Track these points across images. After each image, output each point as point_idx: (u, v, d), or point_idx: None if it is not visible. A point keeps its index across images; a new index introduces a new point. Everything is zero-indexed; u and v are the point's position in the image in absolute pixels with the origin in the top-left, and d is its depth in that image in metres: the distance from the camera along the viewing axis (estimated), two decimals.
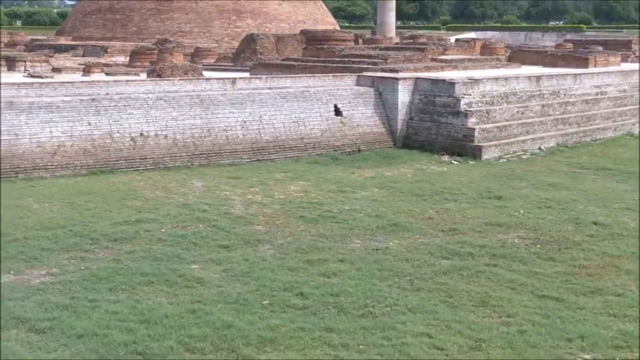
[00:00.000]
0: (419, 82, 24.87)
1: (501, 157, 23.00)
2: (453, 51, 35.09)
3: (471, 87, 24.54)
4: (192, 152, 20.75)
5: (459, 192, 17.89)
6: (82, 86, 21.38)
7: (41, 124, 19.10)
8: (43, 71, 32.86)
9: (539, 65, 34.69)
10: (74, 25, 65.18)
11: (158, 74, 27.14)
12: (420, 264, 12.34)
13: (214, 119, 21.49)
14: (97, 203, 15.89)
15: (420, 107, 24.48)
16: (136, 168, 19.72)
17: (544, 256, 12.93)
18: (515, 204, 16.74)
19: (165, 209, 15.56)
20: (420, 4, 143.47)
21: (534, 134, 25.02)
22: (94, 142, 19.63)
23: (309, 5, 66.11)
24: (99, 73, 31.87)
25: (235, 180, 18.78)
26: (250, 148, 21.68)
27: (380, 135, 24.28)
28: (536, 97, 26.68)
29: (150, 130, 20.47)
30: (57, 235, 13.43)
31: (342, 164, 21.56)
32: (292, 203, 16.38)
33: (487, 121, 24.04)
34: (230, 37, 57.90)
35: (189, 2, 60.21)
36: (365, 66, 27.92)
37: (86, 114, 19.78)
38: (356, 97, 24.37)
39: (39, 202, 15.85)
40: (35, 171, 18.52)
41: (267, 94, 22.82)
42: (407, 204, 16.59)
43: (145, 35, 57.67)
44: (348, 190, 17.87)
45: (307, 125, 22.99)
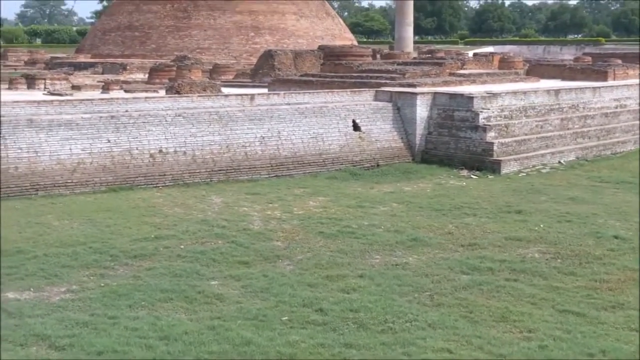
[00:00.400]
0: (437, 96, 24.84)
1: (520, 171, 22.90)
2: (471, 65, 35.04)
3: (490, 101, 24.49)
4: (210, 169, 20.79)
5: (479, 207, 17.82)
6: (102, 103, 21.49)
7: (61, 141, 19.19)
8: (63, 89, 33.09)
9: (557, 78, 34.59)
10: (93, 42, 65.63)
11: (177, 90, 27.25)
12: (440, 279, 12.28)
13: (232, 135, 21.53)
14: (117, 220, 15.93)
15: (438, 122, 24.44)
16: (155, 185, 19.77)
17: (565, 271, 12.84)
18: (535, 218, 16.65)
19: (184, 225, 15.58)
20: (438, 18, 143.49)
21: (553, 148, 24.92)
22: (113, 159, 19.70)
23: (326, 21, 66.30)
24: (118, 90, 32.07)
25: (254, 196, 18.78)
26: (268, 164, 21.70)
27: (398, 150, 24.25)
28: (555, 110, 26.58)
29: (169, 146, 20.53)
30: (76, 252, 13.47)
31: (361, 179, 21.54)
32: (311, 219, 16.36)
33: (506, 135, 23.97)
34: (248, 53, 58.15)
35: (207, 19, 60.53)
36: (384, 81, 27.92)
37: (105, 131, 19.86)
38: (374, 112, 24.36)
39: (58, 219, 15.91)
40: (55, 188, 18.60)
41: (286, 110, 22.85)
42: (426, 219, 16.53)
43: (164, 52, 58.02)
44: (367, 206, 17.84)
45: (326, 140, 23.00)
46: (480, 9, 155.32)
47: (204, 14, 60.93)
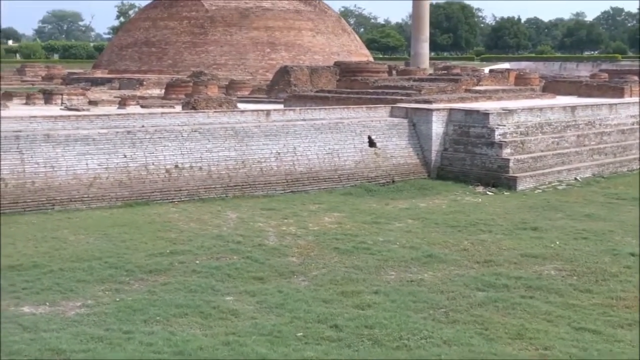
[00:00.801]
0: (453, 113, 24.84)
1: (536, 187, 22.84)
2: (487, 82, 35.02)
3: (505, 118, 24.46)
4: (226, 184, 20.82)
5: (494, 223, 17.77)
6: (118, 119, 21.59)
7: (77, 156, 19.28)
8: (80, 104, 33.27)
9: (574, 95, 34.52)
10: (110, 58, 66.03)
11: (193, 106, 27.35)
12: (456, 296, 12.24)
13: (248, 151, 21.58)
14: (132, 235, 15.97)
15: (454, 138, 24.43)
16: (171, 200, 19.82)
17: (581, 288, 12.77)
18: (551, 235, 16.58)
19: (199, 240, 15.59)
20: (454, 35, 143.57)
21: (569, 165, 24.85)
22: (130, 174, 19.76)
23: (342, 37, 66.48)
24: (135, 105, 32.21)
25: (269, 211, 18.79)
26: (284, 179, 21.72)
27: (414, 166, 24.24)
28: (571, 127, 26.52)
29: (185, 162, 20.59)
30: (92, 267, 13.50)
31: (376, 195, 21.52)
32: (326, 234, 16.35)
33: (522, 152, 23.92)
34: (264, 69, 58.36)
35: (224, 35, 60.80)
36: (399, 97, 27.93)
37: (122, 146, 19.94)
38: (390, 128, 24.37)
39: (74, 234, 15.96)
40: (71, 203, 18.67)
41: (301, 126, 22.88)
42: (441, 235, 16.50)
43: (181, 68, 58.31)
44: (382, 222, 17.81)
45: (341, 156, 23.01)
46: (496, 25, 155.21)
47: (220, 30, 61.25)
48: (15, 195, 18.12)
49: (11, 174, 18.33)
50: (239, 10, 62.42)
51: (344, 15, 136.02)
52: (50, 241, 15.31)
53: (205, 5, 62.97)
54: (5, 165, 18.32)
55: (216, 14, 62.21)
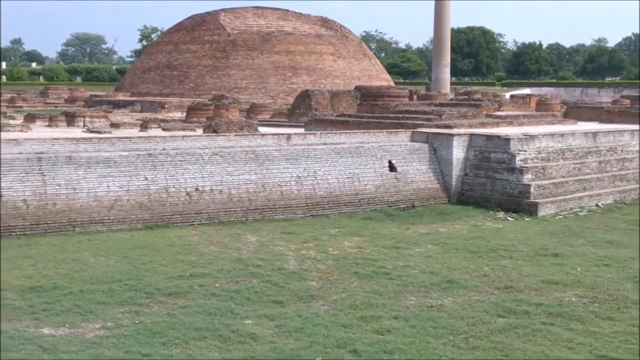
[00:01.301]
0: (474, 138, 24.80)
1: (557, 213, 22.73)
2: (508, 107, 34.94)
3: (527, 143, 24.40)
4: (246, 207, 20.85)
5: (515, 249, 17.68)
6: (139, 141, 21.69)
7: (99, 178, 19.37)
8: (101, 126, 33.44)
9: (595, 121, 34.40)
10: (132, 81, 66.43)
11: (214, 129, 27.46)
12: (476, 322, 12.17)
13: (268, 174, 21.61)
14: (152, 257, 16.00)
15: (475, 163, 24.38)
16: (191, 222, 19.85)
17: (602, 315, 12.68)
18: (572, 261, 16.48)
19: (219, 263, 15.60)
20: (475, 60, 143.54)
21: (591, 191, 24.73)
22: (150, 196, 19.83)
23: (363, 61, 66.61)
24: (156, 128, 32.34)
25: (289, 235, 18.78)
26: (304, 203, 21.72)
27: (434, 191, 24.19)
28: (593, 153, 26.42)
29: (206, 185, 20.64)
30: (112, 289, 13.53)
31: (397, 219, 21.48)
32: (346, 259, 16.32)
33: (543, 177, 23.84)
34: (285, 93, 58.52)
35: (245, 59, 61.06)
36: (420, 122, 27.93)
37: (143, 168, 20.02)
38: (411, 153, 24.35)
39: (95, 256, 16.01)
40: (92, 225, 18.74)
41: (322, 150, 22.90)
42: (462, 261, 16.43)
43: (202, 91, 58.57)
44: (402, 247, 17.77)
45: (362, 180, 23.00)
46: (518, 50, 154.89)
47: (242, 53, 61.53)
48: (37, 216, 18.22)
49: (33, 195, 18.43)
50: (261, 35, 62.71)
51: (365, 39, 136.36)
52: (70, 263, 15.36)
53: (227, 29, 63.31)
54: (27, 187, 18.44)
55: (238, 38, 62.52)
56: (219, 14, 65.71)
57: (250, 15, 65.74)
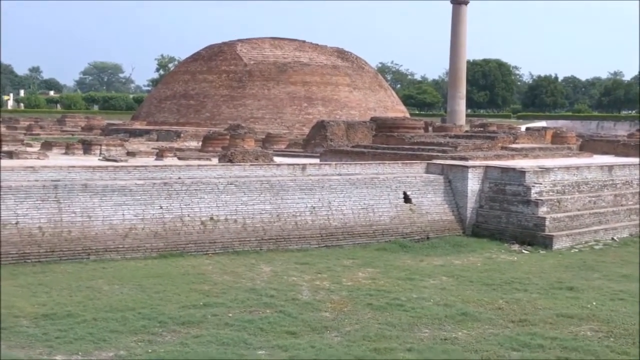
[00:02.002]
0: (489, 170, 24.78)
1: (573, 247, 22.63)
2: (524, 140, 34.91)
3: (542, 176, 24.35)
4: (261, 237, 20.85)
5: (530, 282, 17.60)
6: (155, 170, 21.77)
7: (114, 206, 19.43)
8: (118, 155, 33.60)
9: (611, 154, 34.33)
10: (149, 110, 66.78)
11: (229, 159, 27.54)
12: (490, 355, 12.10)
13: (283, 205, 21.63)
14: (166, 286, 16.00)
15: (490, 196, 24.34)
16: (205, 252, 19.86)
17: (618, 350, 12.58)
18: (587, 295, 16.39)
19: (233, 293, 15.59)
20: (490, 92, 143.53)
21: (606, 224, 24.63)
22: (165, 225, 19.87)
23: (379, 93, 66.77)
24: (172, 157, 32.48)
25: (303, 265, 18.76)
26: (319, 234, 21.71)
27: (449, 223, 24.14)
28: (608, 186, 26.34)
29: (221, 214, 20.67)
30: (125, 318, 13.52)
31: (411, 251, 21.43)
32: (360, 290, 16.28)
33: (559, 210, 23.77)
34: (301, 123, 58.66)
35: (261, 89, 61.31)
36: (435, 154, 27.93)
37: (158, 197, 20.08)
38: (426, 184, 24.34)
39: (109, 284, 16.02)
40: (106, 253, 18.77)
41: (337, 180, 22.92)
42: (476, 293, 16.36)
43: (218, 121, 58.79)
44: (416, 278, 17.71)
45: (376, 212, 22.99)
46: (533, 83, 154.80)
47: (258, 84, 61.80)
48: (52, 244, 18.28)
49: (48, 222, 18.51)
50: (277, 65, 63.02)
51: (381, 71, 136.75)
52: (84, 290, 15.38)
53: (244, 59, 63.65)
54: (43, 214, 18.52)
55: (254, 68, 62.84)
56: (236, 44, 66.11)
57: (267, 45, 66.11)
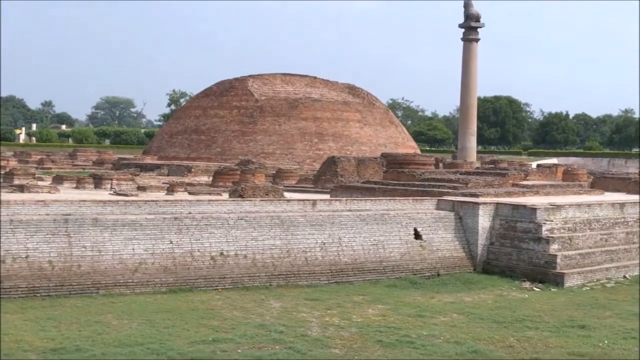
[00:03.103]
0: (500, 207, 24.72)
1: (584, 284, 22.50)
2: (534, 176, 34.88)
3: (553, 213, 24.28)
4: (270, 273, 20.80)
5: (541, 320, 17.49)
6: (166, 205, 21.78)
7: (124, 241, 19.43)
8: (128, 189, 33.66)
9: (622, 192, 34.21)
10: (160, 144, 66.99)
11: (240, 194, 27.55)
12: None
13: (293, 240, 21.60)
14: (175, 321, 15.95)
15: (501, 232, 24.26)
16: (215, 287, 19.81)
17: None
18: (599, 333, 16.26)
19: (242, 329, 15.53)
20: (501, 129, 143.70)
21: (618, 262, 24.49)
22: (175, 260, 19.85)
23: (390, 129, 66.90)
24: (183, 192, 32.50)
25: (313, 301, 18.69)
26: (329, 270, 21.66)
27: (460, 259, 24.06)
28: (620, 224, 26.23)
29: (230, 249, 20.64)
30: (134, 352, 13.47)
31: (421, 288, 21.34)
32: (370, 327, 16.20)
33: (570, 248, 23.66)
34: (311, 159, 58.73)
35: (272, 125, 61.50)
36: (446, 190, 27.90)
37: (168, 232, 20.08)
38: (436, 221, 24.29)
39: (118, 319, 15.98)
40: (116, 287, 18.75)
41: (347, 216, 22.89)
42: (487, 331, 16.26)
43: (229, 156, 58.90)
44: (427, 315, 17.62)
45: (387, 248, 22.93)
46: (544, 120, 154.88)
47: (269, 119, 61.99)
48: (62, 278, 18.28)
49: (58, 256, 18.51)
50: (288, 101, 63.23)
51: (392, 107, 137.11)
52: (93, 325, 15.34)
53: (255, 95, 63.90)
54: (53, 248, 18.54)
55: (266, 104, 63.07)
56: (247, 80, 66.40)
57: (278, 81, 66.38)
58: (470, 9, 58.74)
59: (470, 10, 58.71)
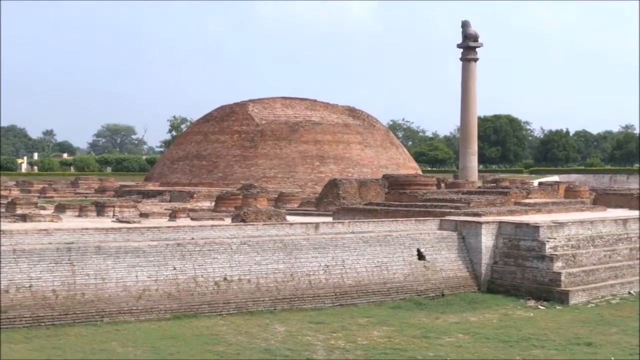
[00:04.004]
0: (503, 225, 24.71)
1: (589, 301, 22.45)
2: (536, 194, 34.86)
3: (556, 231, 24.26)
4: (274, 297, 20.77)
5: (547, 338, 17.45)
6: (168, 231, 21.79)
7: (127, 268, 19.42)
8: (131, 216, 33.69)
9: (625, 208, 34.22)
10: (161, 171, 67.06)
11: (242, 218, 27.57)
12: None
13: (296, 264, 21.58)
14: (180, 348, 15.93)
15: (504, 251, 24.24)
16: (219, 312, 19.78)
17: None
18: (605, 350, 16.22)
19: (247, 354, 15.50)
20: (502, 147, 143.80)
21: (622, 278, 24.44)
22: (179, 286, 19.83)
23: (391, 150, 66.96)
24: (185, 218, 32.52)
25: (317, 325, 18.66)
26: (332, 292, 21.62)
27: (464, 279, 24.02)
28: (623, 240, 26.20)
29: (234, 274, 20.62)
30: None
31: (426, 308, 21.30)
32: (376, 349, 16.17)
33: (574, 265, 23.63)
34: (313, 182, 58.76)
35: (273, 149, 61.58)
36: (448, 210, 27.90)
37: (171, 258, 20.07)
38: (439, 241, 24.28)
39: (123, 346, 15.96)
40: (120, 315, 18.72)
41: (350, 239, 22.89)
42: (493, 351, 16.22)
43: (231, 181, 58.95)
44: (432, 336, 17.58)
45: (390, 269, 22.90)
46: (545, 138, 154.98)
47: (270, 143, 62.07)
48: (66, 306, 18.25)
49: (62, 285, 18.50)
50: (289, 125, 63.33)
51: (393, 128, 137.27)
52: (98, 354, 15.31)
53: (255, 119, 64.02)
54: (56, 277, 18.52)
55: (266, 128, 63.18)
56: (248, 104, 66.54)
57: (279, 105, 66.52)
58: (468, 29, 59.02)
59: (468, 31, 58.98)
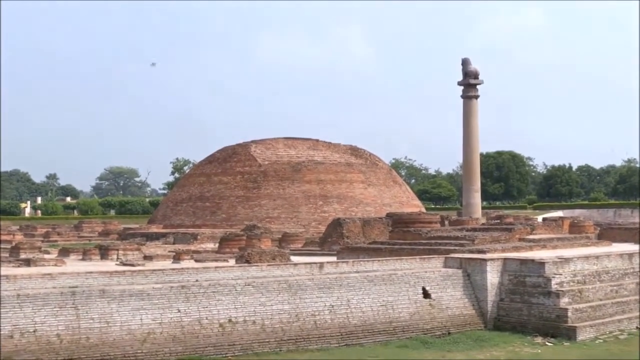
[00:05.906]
0: (508, 262, 24.63)
1: (597, 337, 22.30)
2: (541, 230, 34.77)
3: (562, 267, 24.17)
4: (280, 338, 20.66)
5: None
6: (172, 273, 21.73)
7: (132, 311, 19.34)
8: (135, 259, 33.63)
9: (630, 242, 34.10)
10: (165, 213, 67.07)
11: (246, 259, 27.52)
12: None
13: (301, 304, 21.49)
14: None
15: (510, 288, 24.13)
16: (225, 354, 19.66)
17: None
18: None
19: None
20: (505, 184, 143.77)
21: (630, 313, 24.30)
22: (183, 328, 19.73)
23: (394, 188, 67.01)
24: (189, 260, 32.47)
25: None
26: (338, 332, 21.50)
27: (470, 317, 23.89)
28: (630, 274, 26.09)
29: (239, 316, 20.53)
30: None
31: (432, 347, 21.17)
32: None
33: (580, 301, 23.50)
34: (317, 221, 58.71)
35: (276, 189, 61.64)
36: (453, 247, 27.82)
37: (176, 300, 19.99)
38: (444, 279, 24.18)
39: None
40: (125, 359, 18.61)
41: (355, 278, 22.80)
42: None
43: (234, 222, 58.91)
44: None
45: (396, 308, 22.79)
46: (548, 173, 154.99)
47: (273, 184, 62.13)
48: (70, 351, 18.15)
49: (66, 329, 18.42)
50: (291, 165, 63.43)
51: (395, 166, 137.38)
52: None
53: (258, 160, 64.15)
54: (60, 321, 18.45)
55: (269, 168, 63.28)
56: (250, 145, 66.73)
57: (281, 145, 66.68)
58: (469, 66, 59.20)
59: (468, 68, 59.16)
